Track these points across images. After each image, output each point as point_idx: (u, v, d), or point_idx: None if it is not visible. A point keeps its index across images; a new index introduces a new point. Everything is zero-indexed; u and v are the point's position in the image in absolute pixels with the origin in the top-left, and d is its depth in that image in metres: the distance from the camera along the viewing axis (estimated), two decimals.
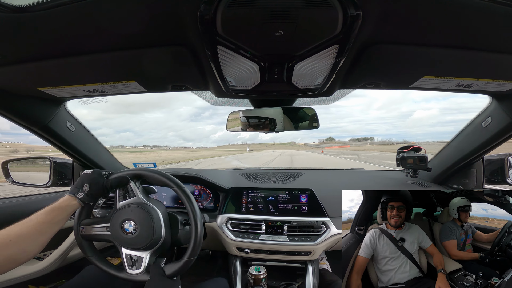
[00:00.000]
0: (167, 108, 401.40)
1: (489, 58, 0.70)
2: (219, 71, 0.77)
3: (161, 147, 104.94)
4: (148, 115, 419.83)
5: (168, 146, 69.61)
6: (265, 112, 1.16)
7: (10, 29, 0.55)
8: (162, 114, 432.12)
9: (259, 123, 1.17)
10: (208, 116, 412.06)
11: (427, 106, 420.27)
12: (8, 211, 1.15)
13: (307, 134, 32.53)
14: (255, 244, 1.21)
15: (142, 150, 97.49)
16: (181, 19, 0.56)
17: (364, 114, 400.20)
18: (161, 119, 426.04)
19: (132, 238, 0.83)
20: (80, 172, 1.44)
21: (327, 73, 0.79)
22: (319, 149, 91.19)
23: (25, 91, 0.93)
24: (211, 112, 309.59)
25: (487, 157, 1.27)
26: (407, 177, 1.33)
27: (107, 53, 0.69)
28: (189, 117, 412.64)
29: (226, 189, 1.37)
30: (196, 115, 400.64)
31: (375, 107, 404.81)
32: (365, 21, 0.55)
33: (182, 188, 0.86)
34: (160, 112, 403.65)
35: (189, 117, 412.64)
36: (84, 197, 0.80)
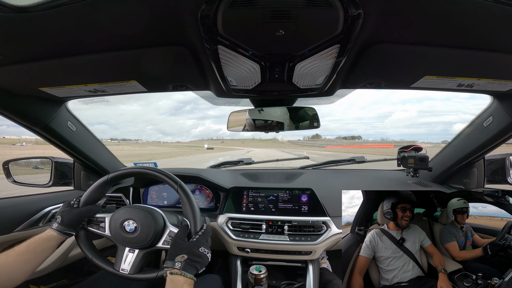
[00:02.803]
0: (144, 101, 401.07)
1: (490, 58, 0.70)
2: (220, 70, 0.77)
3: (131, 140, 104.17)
4: (124, 107, 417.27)
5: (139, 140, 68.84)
6: (267, 112, 1.16)
7: (11, 29, 0.55)
8: (140, 107, 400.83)
9: (261, 123, 1.17)
10: (189, 110, 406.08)
11: (404, 107, 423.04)
12: (10, 210, 1.15)
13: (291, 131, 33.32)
14: (256, 243, 1.21)
15: (107, 144, 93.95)
16: (182, 19, 0.56)
17: (343, 114, 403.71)
18: (138, 112, 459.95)
19: (133, 237, 0.83)
20: (80, 172, 1.44)
21: (328, 72, 0.79)
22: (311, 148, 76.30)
23: (26, 91, 0.93)
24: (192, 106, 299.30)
25: (488, 157, 1.27)
26: (408, 176, 1.33)
27: (108, 53, 0.69)
28: (169, 110, 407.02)
29: (227, 189, 1.37)
30: (176, 108, 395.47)
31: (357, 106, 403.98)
32: (366, 21, 0.55)
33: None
34: (137, 105, 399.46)
35: (169, 110, 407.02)
36: (59, 227, 0.82)
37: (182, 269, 0.71)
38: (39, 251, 0.78)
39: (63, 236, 0.83)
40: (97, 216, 0.90)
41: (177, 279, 0.70)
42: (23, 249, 0.76)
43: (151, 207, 0.90)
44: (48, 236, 0.81)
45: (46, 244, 0.79)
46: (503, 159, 1.25)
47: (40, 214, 1.22)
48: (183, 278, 0.70)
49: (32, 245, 0.77)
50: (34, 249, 0.77)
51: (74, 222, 0.85)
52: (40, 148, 35.73)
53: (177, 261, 0.73)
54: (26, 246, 0.76)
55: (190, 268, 0.73)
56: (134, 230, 0.84)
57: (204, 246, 0.79)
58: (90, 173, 1.46)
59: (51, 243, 0.81)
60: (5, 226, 1.11)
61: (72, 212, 0.86)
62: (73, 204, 0.89)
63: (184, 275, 0.70)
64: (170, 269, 0.72)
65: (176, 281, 0.70)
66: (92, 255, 0.88)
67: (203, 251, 0.78)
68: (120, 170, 0.93)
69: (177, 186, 0.88)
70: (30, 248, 0.76)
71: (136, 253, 0.85)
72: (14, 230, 1.13)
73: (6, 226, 1.11)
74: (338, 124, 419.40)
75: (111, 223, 0.87)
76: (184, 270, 0.71)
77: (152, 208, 0.90)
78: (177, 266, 0.71)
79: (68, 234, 0.84)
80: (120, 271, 0.84)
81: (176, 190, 0.88)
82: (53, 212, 1.26)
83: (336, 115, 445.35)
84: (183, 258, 0.73)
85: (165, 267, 0.74)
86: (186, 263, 0.73)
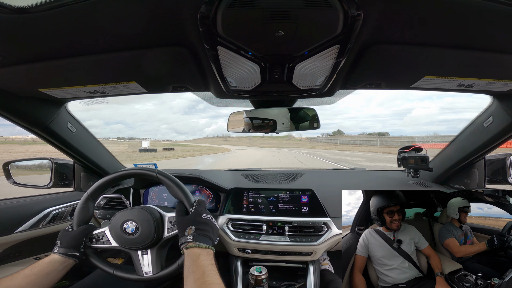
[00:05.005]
0: (157, 100, 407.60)
1: (490, 58, 0.70)
2: (220, 71, 0.77)
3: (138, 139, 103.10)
4: (138, 106, 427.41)
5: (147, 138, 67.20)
6: (267, 112, 1.16)
7: (11, 30, 0.55)
8: (154, 106, 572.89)
9: (261, 124, 1.17)
10: (202, 109, 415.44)
11: (422, 104, 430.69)
12: (10, 211, 1.15)
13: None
14: (256, 244, 1.21)
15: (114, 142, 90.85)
16: (181, 20, 0.56)
17: (358, 112, 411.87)
18: (152, 111, 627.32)
19: (138, 236, 0.84)
20: (81, 173, 1.44)
21: (328, 73, 0.79)
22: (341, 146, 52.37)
23: (26, 92, 0.93)
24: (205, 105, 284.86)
25: (489, 157, 1.27)
26: (408, 177, 1.33)
27: (108, 54, 0.69)
28: (182, 109, 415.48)
29: (227, 190, 1.37)
30: (190, 107, 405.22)
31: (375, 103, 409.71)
32: (366, 21, 0.55)
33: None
34: (151, 104, 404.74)
35: (182, 109, 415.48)
36: (60, 250, 0.84)
37: (196, 241, 0.72)
38: (43, 275, 0.79)
39: (67, 258, 0.84)
40: (95, 233, 0.91)
41: (192, 252, 0.71)
42: (28, 272, 0.77)
43: (144, 205, 0.91)
44: (51, 259, 0.83)
45: (51, 267, 0.81)
46: (503, 159, 1.25)
47: (40, 215, 1.22)
48: (199, 250, 0.71)
49: (36, 268, 0.79)
50: (39, 272, 0.78)
51: (72, 243, 0.86)
52: None
53: (188, 234, 0.74)
54: (31, 269, 0.78)
55: (204, 239, 0.74)
56: (135, 230, 0.84)
57: (205, 213, 0.81)
58: (90, 174, 1.46)
59: (55, 266, 0.82)
60: (5, 227, 1.11)
61: (68, 235, 0.88)
62: (68, 229, 0.91)
63: (199, 246, 0.71)
64: (185, 244, 0.73)
65: (192, 253, 0.70)
66: (112, 270, 0.89)
67: (206, 217, 0.79)
68: (97, 182, 0.95)
69: (155, 173, 0.90)
70: (34, 271, 0.78)
71: (149, 253, 0.86)
72: (15, 231, 1.13)
73: (6, 227, 1.11)
74: (354, 121, 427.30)
75: (112, 232, 0.88)
76: (198, 241, 0.72)
77: (145, 205, 0.91)
78: (190, 239, 0.72)
79: (73, 256, 0.85)
80: (144, 275, 0.85)
81: (156, 178, 0.90)
82: (53, 213, 1.26)
83: (351, 112, 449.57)
84: (192, 230, 0.74)
85: (180, 244, 0.75)
86: (197, 234, 0.74)
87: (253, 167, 1.88)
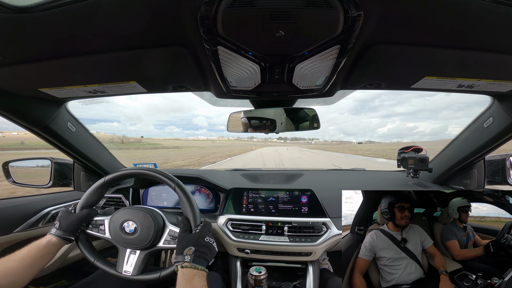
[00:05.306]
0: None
1: (490, 58, 0.70)
2: (220, 71, 0.77)
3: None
4: None
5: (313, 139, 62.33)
6: (266, 112, 1.16)
7: (11, 29, 0.55)
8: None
9: (260, 124, 1.17)
10: (373, 107, 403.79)
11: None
12: (9, 211, 1.15)
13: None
14: (256, 244, 1.21)
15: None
16: (181, 20, 0.56)
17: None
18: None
19: (134, 238, 0.83)
20: (80, 173, 1.44)
21: (328, 73, 0.79)
22: None
23: (26, 91, 0.93)
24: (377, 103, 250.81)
25: (488, 158, 1.27)
26: (408, 177, 1.33)
27: (108, 53, 0.69)
28: (351, 109, 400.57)
29: (227, 190, 1.37)
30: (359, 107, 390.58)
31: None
32: (366, 22, 0.55)
33: None
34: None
35: (351, 109, 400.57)
36: (57, 232, 0.84)
37: (193, 262, 0.72)
38: (40, 256, 0.78)
39: (62, 241, 0.83)
40: (96, 219, 0.91)
41: (188, 272, 0.71)
42: (24, 254, 0.77)
43: (151, 208, 0.90)
44: (48, 241, 0.81)
45: (46, 249, 0.80)
46: (503, 160, 1.25)
47: (39, 214, 1.22)
48: (194, 271, 0.71)
49: (33, 250, 0.78)
50: (35, 254, 0.78)
51: (72, 227, 0.85)
52: None
53: (186, 254, 0.73)
54: (27, 251, 0.77)
55: (200, 260, 0.74)
56: (134, 231, 0.84)
57: (208, 236, 0.80)
58: (89, 174, 1.45)
59: (50, 248, 0.81)
60: (4, 226, 1.11)
61: (69, 218, 0.86)
62: (71, 210, 0.90)
63: (194, 267, 0.71)
64: (181, 263, 0.73)
65: (187, 273, 0.70)
66: (94, 258, 0.88)
67: (208, 240, 0.79)
68: (117, 172, 0.94)
69: (174, 184, 0.89)
70: (31, 253, 0.77)
71: (137, 254, 0.85)
72: (14, 231, 1.13)
73: (6, 227, 1.11)
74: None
75: (111, 225, 0.87)
76: (195, 263, 0.72)
77: (151, 208, 0.90)
78: (187, 259, 0.72)
79: (67, 239, 0.84)
80: (122, 273, 0.84)
81: (173, 188, 0.89)
82: (53, 213, 1.26)
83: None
84: (191, 251, 0.74)
85: (176, 261, 0.75)
86: (195, 255, 0.73)
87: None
